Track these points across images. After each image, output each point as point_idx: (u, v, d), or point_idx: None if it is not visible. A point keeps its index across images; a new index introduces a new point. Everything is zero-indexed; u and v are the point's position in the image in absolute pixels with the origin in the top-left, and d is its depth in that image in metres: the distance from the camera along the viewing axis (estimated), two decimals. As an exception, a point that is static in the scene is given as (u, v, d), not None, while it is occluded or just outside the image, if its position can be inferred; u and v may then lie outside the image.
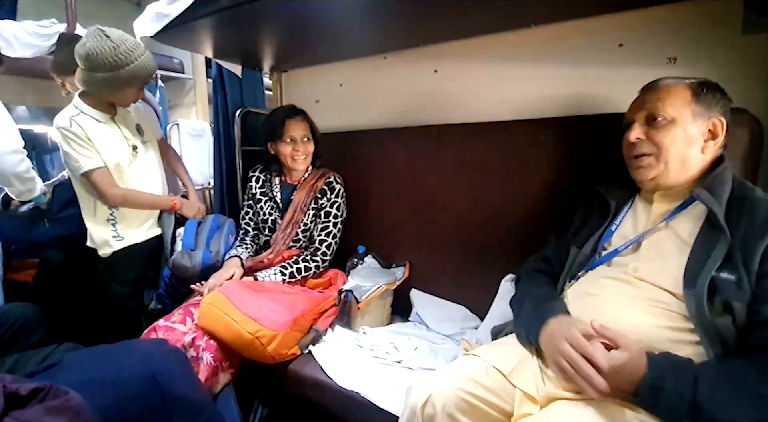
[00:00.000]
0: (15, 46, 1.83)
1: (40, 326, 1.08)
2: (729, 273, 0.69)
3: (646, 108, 0.81)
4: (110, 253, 1.31)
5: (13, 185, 1.41)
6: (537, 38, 1.23)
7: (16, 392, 0.54)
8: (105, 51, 1.12)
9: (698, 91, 0.78)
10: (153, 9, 1.16)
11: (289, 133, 1.36)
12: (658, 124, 0.79)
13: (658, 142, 0.79)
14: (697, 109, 0.78)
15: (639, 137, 0.81)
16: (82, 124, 1.21)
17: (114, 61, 1.13)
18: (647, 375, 0.64)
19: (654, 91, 0.82)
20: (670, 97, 0.79)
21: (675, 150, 0.78)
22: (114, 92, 1.22)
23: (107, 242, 1.31)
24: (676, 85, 0.80)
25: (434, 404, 0.73)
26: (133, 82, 1.21)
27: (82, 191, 1.31)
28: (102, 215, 1.30)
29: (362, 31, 1.32)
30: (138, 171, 1.33)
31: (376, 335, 1.21)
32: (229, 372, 1.10)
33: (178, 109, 2.79)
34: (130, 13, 1.17)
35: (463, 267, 1.34)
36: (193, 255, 1.38)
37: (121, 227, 1.32)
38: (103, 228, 1.31)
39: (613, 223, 0.89)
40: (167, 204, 1.39)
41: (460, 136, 1.34)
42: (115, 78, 1.16)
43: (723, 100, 0.79)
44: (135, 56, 1.16)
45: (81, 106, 1.24)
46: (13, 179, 1.37)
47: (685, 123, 0.78)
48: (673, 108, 0.78)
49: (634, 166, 0.84)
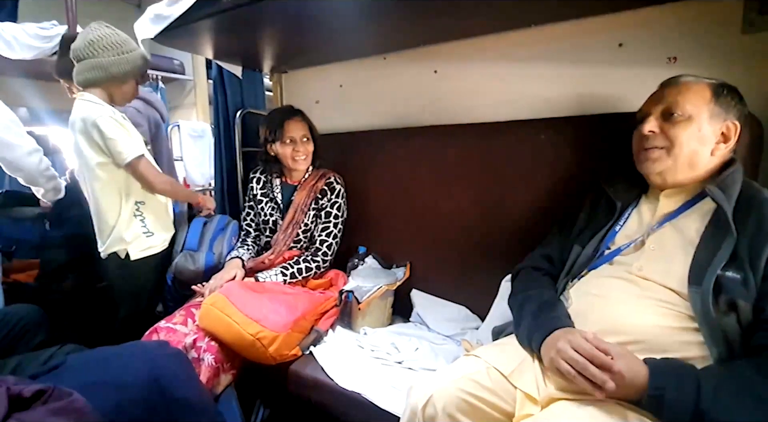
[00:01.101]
0: (16, 48, 1.83)
1: (42, 327, 1.08)
2: (735, 272, 0.69)
3: (665, 102, 0.81)
4: (140, 257, 1.27)
5: (40, 184, 1.43)
6: (537, 38, 1.23)
7: (19, 394, 0.54)
8: (109, 34, 1.18)
9: (719, 92, 0.78)
10: (152, 11, 1.16)
11: (289, 133, 1.36)
12: (674, 119, 0.79)
13: (672, 136, 0.79)
14: (715, 110, 0.78)
15: (653, 130, 0.81)
16: (112, 113, 1.20)
17: (118, 44, 1.19)
18: (648, 385, 0.64)
19: (674, 87, 0.82)
20: (691, 93, 0.79)
21: (687, 147, 0.78)
22: (121, 79, 1.22)
23: (138, 238, 1.26)
24: (698, 83, 0.80)
25: (435, 404, 0.73)
26: (135, 72, 1.23)
27: (105, 188, 1.23)
28: (128, 210, 1.25)
29: (362, 32, 1.32)
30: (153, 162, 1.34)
31: (377, 335, 1.21)
32: (231, 373, 1.11)
33: (179, 111, 2.80)
34: (130, 14, 1.17)
35: (463, 267, 1.34)
36: (196, 257, 1.38)
37: (149, 221, 1.29)
38: (132, 225, 1.26)
39: (618, 224, 0.89)
40: (196, 198, 1.43)
41: (460, 136, 1.34)
42: (119, 62, 1.19)
43: (740, 104, 0.79)
44: (133, 46, 1.22)
45: (97, 100, 1.20)
46: (39, 178, 1.39)
47: (701, 122, 0.78)
48: (692, 105, 0.78)
49: (642, 158, 0.84)
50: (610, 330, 0.75)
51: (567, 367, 0.68)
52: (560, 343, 0.71)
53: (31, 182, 1.41)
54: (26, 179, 1.42)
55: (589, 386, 0.66)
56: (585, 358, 0.67)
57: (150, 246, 1.30)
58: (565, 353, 0.69)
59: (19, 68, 2.01)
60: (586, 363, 0.66)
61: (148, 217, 1.29)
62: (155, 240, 1.31)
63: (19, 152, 1.38)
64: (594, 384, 0.65)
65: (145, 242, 1.29)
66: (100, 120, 1.16)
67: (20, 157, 1.39)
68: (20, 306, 1.11)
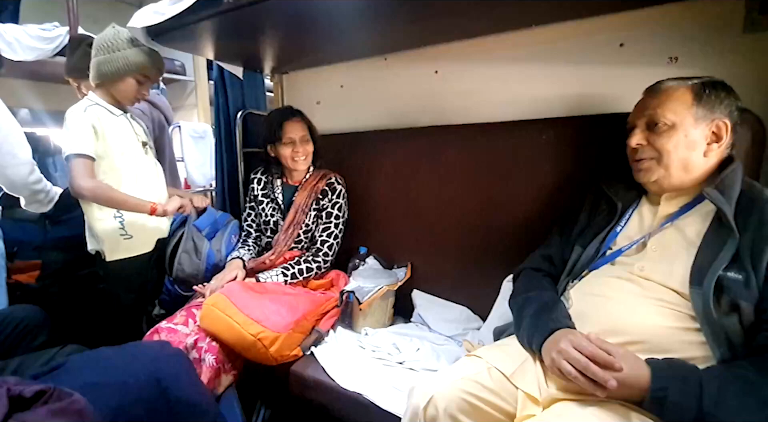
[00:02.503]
0: (17, 50, 1.84)
1: (43, 328, 1.08)
2: (736, 272, 0.68)
3: (646, 113, 0.81)
4: (116, 258, 1.26)
5: (22, 195, 1.41)
6: (538, 39, 1.23)
7: (20, 394, 0.54)
8: (107, 34, 1.21)
9: (700, 93, 0.77)
10: (151, 8, 1.16)
11: (288, 134, 1.37)
12: (658, 129, 0.79)
13: (659, 147, 0.79)
14: (699, 113, 0.77)
15: (640, 143, 0.82)
16: (95, 113, 1.21)
17: (111, 44, 1.21)
18: (651, 385, 0.63)
19: (655, 96, 0.81)
20: (671, 101, 0.78)
21: (676, 155, 0.78)
22: (112, 78, 1.22)
23: (116, 242, 1.25)
24: (678, 89, 0.79)
25: (436, 405, 0.73)
26: (128, 70, 1.22)
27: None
28: (107, 210, 1.24)
29: (363, 33, 1.32)
30: (148, 165, 1.33)
31: (378, 336, 1.21)
32: (232, 373, 1.11)
33: (180, 111, 2.81)
34: (131, 15, 1.17)
35: (464, 267, 1.34)
36: (201, 246, 1.38)
37: (129, 224, 1.26)
38: (110, 226, 1.24)
39: (618, 225, 0.88)
40: (145, 208, 1.22)
41: (461, 136, 1.34)
42: (109, 60, 1.20)
43: (728, 99, 0.78)
44: (132, 44, 1.22)
45: (95, 99, 1.25)
46: (22, 189, 1.37)
47: (686, 127, 0.77)
48: (674, 113, 0.78)
49: (636, 169, 0.85)
50: (611, 330, 0.75)
51: (568, 367, 0.68)
52: (562, 344, 0.71)
53: (12, 191, 1.38)
54: (7, 187, 1.38)
55: (590, 386, 0.66)
56: (587, 358, 0.67)
57: (127, 249, 1.27)
58: (567, 353, 0.69)
59: (20, 69, 2.01)
60: (587, 362, 0.66)
61: (128, 219, 1.25)
62: (133, 243, 1.27)
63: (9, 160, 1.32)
64: (596, 383, 0.65)
65: (121, 244, 1.26)
66: (68, 111, 1.19)
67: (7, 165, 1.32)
68: (22, 306, 1.11)
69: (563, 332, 0.75)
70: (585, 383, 0.66)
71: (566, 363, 0.69)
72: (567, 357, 0.69)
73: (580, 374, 0.67)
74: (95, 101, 1.24)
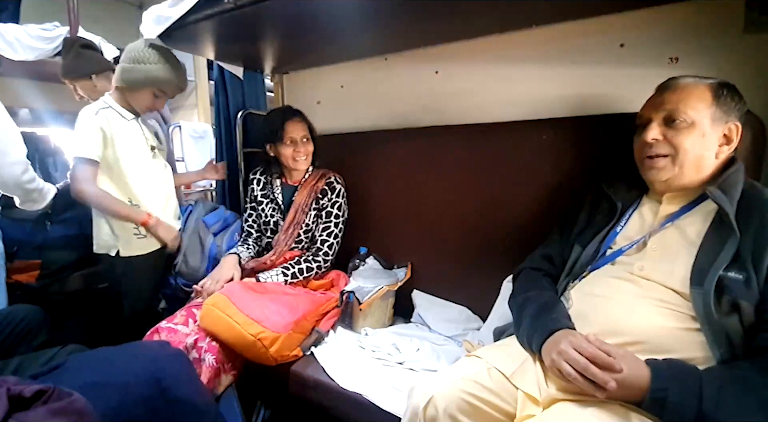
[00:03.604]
0: (18, 50, 1.84)
1: (43, 328, 1.08)
2: (737, 272, 0.68)
3: (666, 108, 0.79)
4: (128, 254, 1.30)
5: (17, 195, 1.41)
6: (538, 39, 1.23)
7: (20, 394, 0.54)
8: (137, 45, 1.25)
9: (719, 94, 0.77)
10: (155, 11, 1.16)
11: (289, 134, 1.37)
12: (677, 125, 0.77)
13: (677, 144, 0.77)
14: (717, 114, 0.76)
15: (656, 137, 0.79)
16: (107, 116, 1.25)
17: (138, 55, 1.23)
18: (650, 386, 0.63)
19: (674, 91, 0.79)
20: (691, 98, 0.77)
21: (692, 153, 0.77)
22: (130, 87, 1.26)
23: (129, 241, 1.29)
24: (697, 86, 0.78)
25: (436, 405, 0.73)
26: (147, 83, 1.25)
27: (102, 185, 1.26)
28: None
29: (363, 33, 1.32)
30: (157, 169, 1.36)
31: (378, 336, 1.21)
32: (232, 373, 1.11)
33: (180, 111, 2.81)
34: (131, 15, 1.18)
35: (465, 268, 1.34)
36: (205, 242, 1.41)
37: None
38: (123, 225, 1.28)
39: (618, 224, 0.88)
40: (139, 217, 1.27)
41: (461, 137, 1.34)
42: (132, 69, 1.23)
43: (740, 103, 0.78)
44: (160, 61, 1.24)
45: (109, 102, 1.28)
46: (15, 189, 1.37)
47: (704, 127, 0.76)
48: (694, 110, 0.76)
49: (647, 166, 0.82)
50: (611, 330, 0.75)
51: (568, 368, 0.68)
52: (562, 345, 0.71)
53: (4, 190, 1.38)
54: (0, 186, 1.37)
55: (590, 387, 0.66)
56: (586, 359, 0.67)
57: (140, 247, 1.32)
58: (567, 354, 0.69)
59: (21, 69, 2.01)
60: (587, 363, 0.66)
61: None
62: (149, 241, 1.32)
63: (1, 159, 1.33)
64: (596, 385, 0.65)
65: (134, 243, 1.30)
66: (81, 112, 1.22)
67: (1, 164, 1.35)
68: (22, 306, 1.11)
69: (563, 333, 0.75)
70: (585, 384, 0.66)
71: (566, 365, 0.68)
72: (567, 359, 0.69)
73: (579, 375, 0.67)
74: (109, 104, 1.27)
